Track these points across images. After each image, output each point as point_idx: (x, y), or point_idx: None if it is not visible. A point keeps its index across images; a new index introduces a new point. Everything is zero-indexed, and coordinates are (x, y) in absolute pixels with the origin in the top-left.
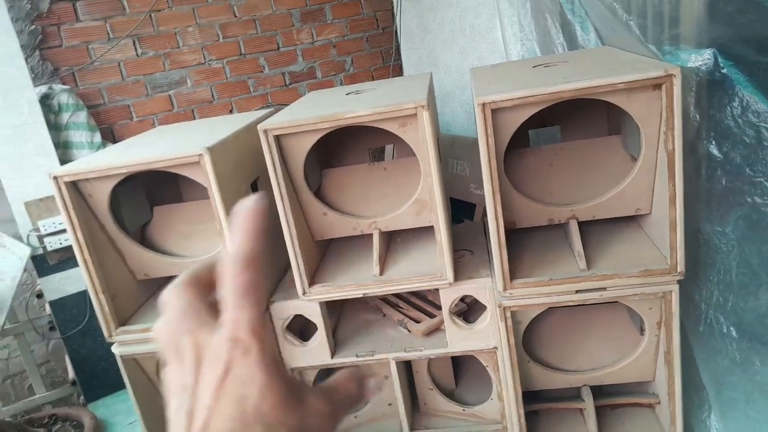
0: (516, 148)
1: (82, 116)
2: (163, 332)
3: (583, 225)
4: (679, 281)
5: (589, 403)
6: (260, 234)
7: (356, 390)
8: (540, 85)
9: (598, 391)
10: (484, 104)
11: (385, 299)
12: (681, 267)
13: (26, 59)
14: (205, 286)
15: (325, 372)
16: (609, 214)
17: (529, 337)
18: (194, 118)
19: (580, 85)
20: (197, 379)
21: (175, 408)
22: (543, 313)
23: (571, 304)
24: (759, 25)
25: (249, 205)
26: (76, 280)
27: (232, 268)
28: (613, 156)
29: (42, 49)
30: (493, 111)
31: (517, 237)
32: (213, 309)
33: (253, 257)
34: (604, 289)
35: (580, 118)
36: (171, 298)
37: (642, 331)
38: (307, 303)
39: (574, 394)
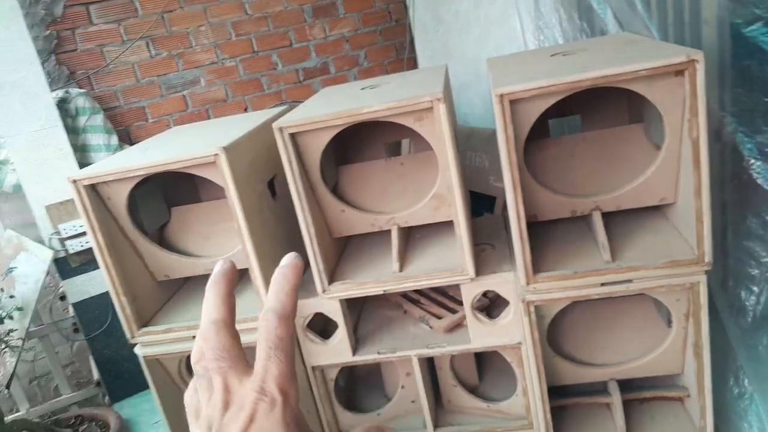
0: (536, 138)
1: (99, 119)
2: (199, 364)
3: (606, 216)
4: (706, 271)
5: (616, 398)
6: (296, 291)
7: None
8: (559, 74)
9: (625, 385)
10: (502, 95)
11: (405, 296)
12: (709, 257)
13: (43, 64)
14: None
15: (348, 369)
16: (633, 204)
17: (554, 332)
18: (209, 118)
19: (599, 74)
20: (221, 422)
21: None
22: (567, 306)
23: (596, 297)
24: None
25: (288, 262)
26: (98, 282)
27: (267, 320)
28: (636, 145)
29: (58, 54)
30: (512, 102)
31: (539, 230)
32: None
33: (288, 313)
34: (629, 281)
35: (600, 107)
36: (211, 335)
37: (669, 323)
38: (327, 301)
39: (600, 388)
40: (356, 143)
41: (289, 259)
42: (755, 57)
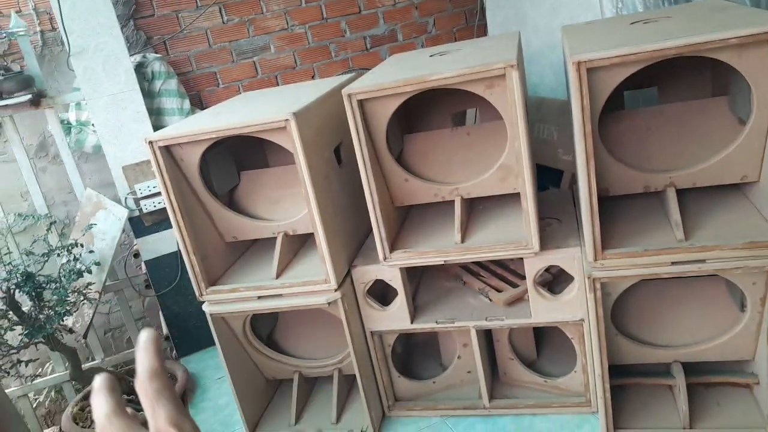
0: (610, 110)
1: (173, 83)
2: None
3: (681, 193)
4: None
5: (680, 380)
6: (158, 353)
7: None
8: (640, 43)
9: (690, 368)
10: (579, 63)
11: (465, 267)
12: None
13: (122, 29)
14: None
15: (405, 336)
16: (711, 181)
17: (618, 310)
18: (277, 84)
19: (685, 42)
20: None
21: None
22: (634, 284)
23: (665, 276)
24: None
25: (144, 336)
26: (170, 240)
27: (142, 383)
28: (717, 119)
29: (136, 19)
30: (589, 70)
31: (609, 205)
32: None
33: (156, 369)
34: (702, 261)
35: (680, 79)
36: (107, 427)
37: (743, 307)
38: (388, 268)
39: (664, 370)
40: (422, 112)
41: (143, 334)
42: None
